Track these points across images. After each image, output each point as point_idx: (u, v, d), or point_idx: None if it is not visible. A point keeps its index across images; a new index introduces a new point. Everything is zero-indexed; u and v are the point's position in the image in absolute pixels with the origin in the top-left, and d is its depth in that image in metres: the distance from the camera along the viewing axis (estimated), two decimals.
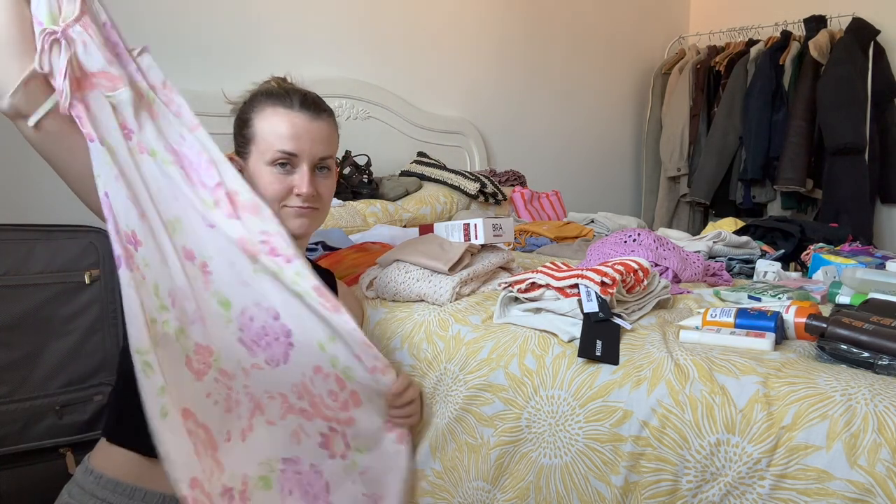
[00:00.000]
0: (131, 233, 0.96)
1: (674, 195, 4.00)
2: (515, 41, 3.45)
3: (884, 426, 0.83)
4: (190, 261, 1.01)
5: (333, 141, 1.21)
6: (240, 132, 1.19)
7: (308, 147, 1.15)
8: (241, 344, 1.04)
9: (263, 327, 1.05)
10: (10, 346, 1.52)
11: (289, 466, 1.07)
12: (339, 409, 1.11)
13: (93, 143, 0.95)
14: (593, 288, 1.17)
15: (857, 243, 2.11)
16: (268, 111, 1.15)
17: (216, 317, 1.02)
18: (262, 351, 1.05)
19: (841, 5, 3.54)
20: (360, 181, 2.48)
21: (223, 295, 1.02)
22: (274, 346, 1.05)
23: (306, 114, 1.15)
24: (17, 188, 2.06)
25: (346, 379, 1.10)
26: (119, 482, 1.07)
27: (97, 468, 1.09)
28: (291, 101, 1.15)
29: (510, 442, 1.12)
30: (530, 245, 2.18)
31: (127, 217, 0.96)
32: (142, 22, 2.24)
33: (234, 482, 1.00)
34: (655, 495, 0.97)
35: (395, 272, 1.39)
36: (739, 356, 1.01)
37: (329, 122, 1.20)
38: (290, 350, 1.06)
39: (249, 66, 2.52)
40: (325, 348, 1.07)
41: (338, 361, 1.08)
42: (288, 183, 1.15)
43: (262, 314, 1.04)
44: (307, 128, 1.15)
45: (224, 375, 1.03)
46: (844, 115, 3.27)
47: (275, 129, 1.14)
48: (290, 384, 1.07)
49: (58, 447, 1.57)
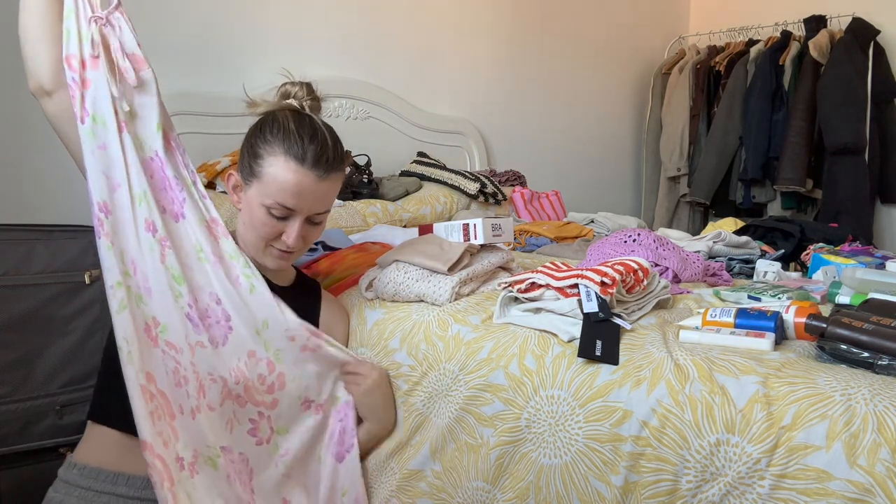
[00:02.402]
0: (103, 202, 1.06)
1: (674, 195, 4.00)
2: (515, 41, 3.45)
3: (883, 426, 0.83)
4: (151, 233, 1.09)
5: (333, 196, 1.23)
6: (249, 159, 1.19)
7: (308, 205, 1.17)
8: (189, 320, 1.11)
9: (207, 308, 1.13)
10: (11, 346, 1.52)
11: (224, 454, 1.12)
12: (265, 391, 1.17)
13: (82, 125, 1.05)
14: (593, 288, 1.17)
15: (857, 243, 2.11)
16: (280, 159, 1.14)
17: (167, 289, 1.09)
18: (204, 330, 1.12)
19: (841, 5, 3.54)
20: (360, 181, 2.49)
21: (177, 270, 1.11)
22: (215, 328, 1.13)
23: (316, 173, 1.15)
24: (17, 188, 2.06)
25: (276, 361, 1.18)
26: (102, 469, 1.10)
27: (80, 460, 1.12)
28: (305, 155, 1.14)
29: (510, 442, 1.12)
30: (530, 245, 2.18)
31: (101, 188, 1.06)
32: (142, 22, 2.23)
33: (185, 453, 1.06)
34: (655, 495, 0.97)
35: (395, 272, 1.39)
36: (739, 356, 1.01)
37: (335, 180, 1.20)
38: (229, 333, 1.14)
39: (250, 66, 2.52)
40: (260, 333, 1.16)
41: (269, 345, 1.17)
42: (278, 228, 1.18)
43: (206, 297, 1.13)
44: (313, 188, 1.16)
45: (171, 348, 1.09)
46: (844, 115, 3.27)
47: (281, 180, 1.14)
48: (228, 368, 1.14)
49: (58, 447, 1.57)
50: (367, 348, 1.35)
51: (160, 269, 1.09)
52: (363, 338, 1.36)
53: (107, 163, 1.07)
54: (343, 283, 1.56)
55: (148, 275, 1.08)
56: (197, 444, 1.08)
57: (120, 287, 1.05)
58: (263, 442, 1.18)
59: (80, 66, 1.05)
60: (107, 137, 1.07)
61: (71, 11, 1.05)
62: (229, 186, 1.24)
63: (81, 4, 1.05)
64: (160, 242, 1.09)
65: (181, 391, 1.08)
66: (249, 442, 1.16)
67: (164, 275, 1.09)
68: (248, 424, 1.16)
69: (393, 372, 1.30)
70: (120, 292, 1.05)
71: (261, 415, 1.17)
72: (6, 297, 1.52)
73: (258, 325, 1.16)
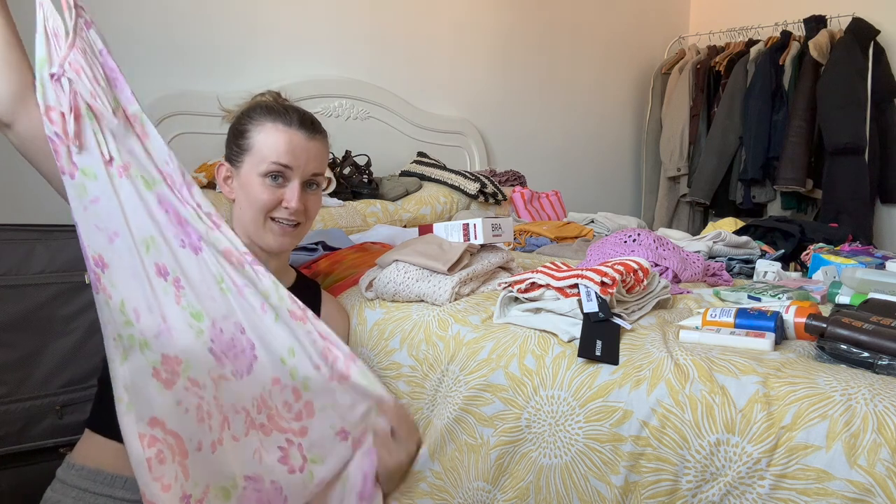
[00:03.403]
0: (98, 256, 1.03)
1: (674, 195, 4.00)
2: (515, 41, 3.45)
3: (883, 426, 0.83)
4: (162, 277, 1.05)
5: (324, 160, 1.27)
6: (235, 141, 1.23)
7: (303, 163, 1.21)
8: (211, 354, 1.08)
9: (232, 339, 1.10)
10: (10, 346, 1.52)
11: (250, 484, 1.09)
12: (292, 419, 1.14)
13: (71, 180, 1.02)
14: (593, 288, 1.17)
15: (857, 243, 2.12)
16: (267, 126, 1.20)
17: (186, 328, 1.06)
18: (229, 362, 1.10)
19: (841, 5, 3.54)
20: (360, 181, 2.49)
21: (195, 307, 1.07)
22: (240, 358, 1.10)
23: (304, 132, 1.21)
24: (17, 188, 2.06)
25: (303, 389, 1.14)
26: (100, 471, 1.10)
27: (78, 461, 1.12)
28: (291, 118, 1.21)
29: (510, 442, 1.12)
30: (530, 245, 2.18)
31: (94, 242, 1.03)
32: (143, 21, 2.24)
33: (194, 490, 1.03)
34: (655, 495, 0.97)
35: (395, 272, 1.39)
36: (739, 356, 1.01)
37: (323, 143, 1.26)
38: (254, 363, 1.11)
39: (250, 66, 2.53)
40: (286, 361, 1.13)
41: (297, 372, 1.13)
42: (278, 195, 1.20)
43: (231, 327, 1.10)
44: (304, 146, 1.21)
45: (194, 384, 1.06)
46: (844, 115, 3.27)
47: (273, 143, 1.19)
48: (252, 397, 1.11)
49: (58, 447, 1.57)
50: (367, 348, 1.35)
51: (176, 311, 1.06)
52: (363, 338, 1.36)
53: (101, 216, 1.03)
54: (343, 283, 1.56)
55: (163, 317, 1.05)
56: (213, 477, 1.05)
57: (120, 340, 1.02)
58: (296, 470, 1.13)
59: (60, 119, 1.00)
60: (99, 189, 1.02)
61: (44, 61, 0.99)
62: (220, 178, 1.26)
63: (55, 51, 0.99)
64: (174, 284, 1.06)
65: (203, 426, 1.06)
66: (281, 470, 1.12)
67: (181, 315, 1.06)
68: (277, 452, 1.12)
69: (393, 372, 1.30)
70: (121, 345, 1.02)
71: (290, 442, 1.13)
72: (6, 297, 1.52)
73: (283, 353, 1.12)
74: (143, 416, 1.01)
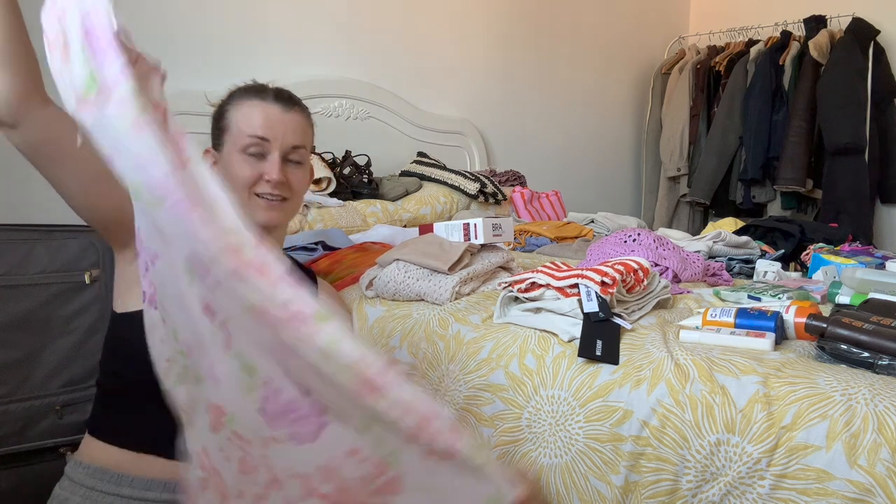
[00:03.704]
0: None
1: (674, 195, 4.00)
2: (515, 41, 3.45)
3: (884, 426, 0.83)
4: (209, 318, 0.83)
5: (307, 133, 1.22)
6: (216, 124, 1.22)
7: (280, 134, 1.17)
8: (262, 415, 0.86)
9: (291, 402, 0.85)
10: (10, 346, 1.52)
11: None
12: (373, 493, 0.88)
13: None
14: (593, 288, 1.17)
15: (857, 243, 2.12)
16: (243, 102, 1.19)
17: (235, 380, 0.85)
18: (286, 426, 0.86)
19: (841, 5, 3.54)
20: (360, 181, 2.48)
21: (247, 359, 0.84)
22: (301, 424, 0.86)
23: (280, 105, 1.19)
24: (17, 188, 2.06)
25: (390, 464, 0.86)
26: (106, 470, 1.09)
27: (84, 460, 1.11)
28: (266, 93, 1.20)
29: (510, 442, 1.12)
30: (530, 245, 2.18)
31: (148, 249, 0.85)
32: (143, 21, 2.24)
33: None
34: (655, 495, 0.97)
35: (395, 272, 1.39)
36: (739, 356, 1.01)
37: (302, 115, 1.22)
38: (323, 430, 0.86)
39: (250, 66, 2.52)
40: (370, 429, 0.84)
41: (383, 444, 0.85)
42: (258, 169, 1.16)
43: (290, 388, 0.84)
44: (280, 118, 1.18)
45: (239, 438, 0.88)
46: (844, 115, 3.27)
47: (248, 118, 1.17)
48: (315, 466, 0.88)
49: (58, 447, 1.56)
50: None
51: (224, 359, 0.84)
52: (363, 335, 1.36)
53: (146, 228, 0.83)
54: (343, 281, 1.56)
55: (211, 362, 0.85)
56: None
57: (174, 364, 0.88)
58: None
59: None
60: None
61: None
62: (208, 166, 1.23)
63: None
64: (222, 328, 0.82)
65: (247, 478, 0.88)
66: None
67: (230, 364, 0.83)
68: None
69: None
70: (174, 369, 0.89)
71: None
72: (6, 297, 1.52)
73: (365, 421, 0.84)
74: (199, 440, 0.89)
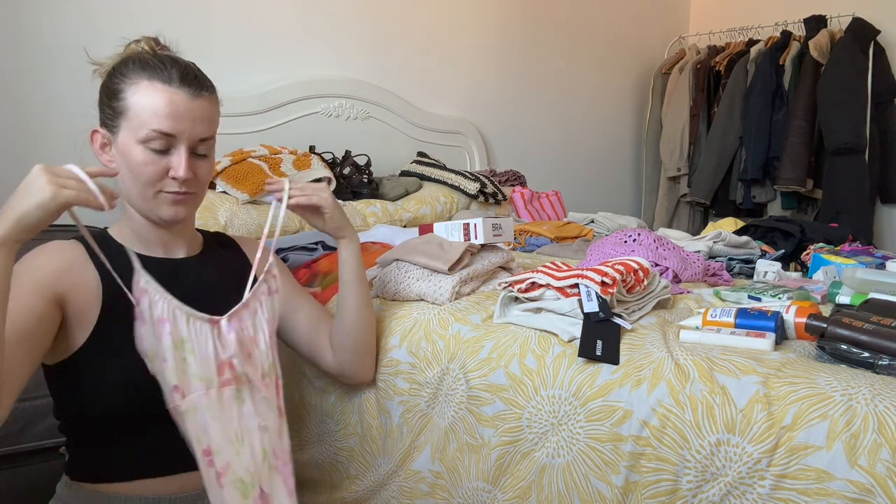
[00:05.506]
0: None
1: (674, 195, 4.00)
2: (515, 41, 3.45)
3: (884, 426, 0.83)
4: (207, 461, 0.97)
5: (215, 120, 1.10)
6: (108, 103, 1.06)
7: (188, 127, 1.04)
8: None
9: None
10: None
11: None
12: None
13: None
14: (593, 288, 1.17)
15: (857, 243, 2.12)
16: (143, 84, 1.03)
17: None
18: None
19: (841, 5, 3.54)
20: (360, 181, 2.48)
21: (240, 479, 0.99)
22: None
23: (187, 91, 1.04)
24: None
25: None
26: (97, 492, 1.07)
27: (74, 480, 1.09)
28: (170, 75, 1.04)
29: (511, 442, 1.12)
30: (530, 245, 2.18)
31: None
32: (142, 21, 2.24)
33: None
34: (655, 495, 0.97)
35: (395, 271, 1.39)
36: (739, 356, 1.01)
37: (211, 101, 1.09)
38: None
39: (250, 66, 2.52)
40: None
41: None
42: (163, 164, 1.04)
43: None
44: (188, 107, 1.04)
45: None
46: (844, 115, 3.27)
47: (151, 106, 1.02)
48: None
49: (58, 447, 1.56)
50: None
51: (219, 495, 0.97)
52: None
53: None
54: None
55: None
56: None
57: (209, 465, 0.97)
58: None
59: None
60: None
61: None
62: (96, 147, 1.08)
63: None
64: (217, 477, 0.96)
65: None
66: None
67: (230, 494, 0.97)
68: None
69: (391, 369, 1.30)
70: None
71: None
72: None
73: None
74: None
